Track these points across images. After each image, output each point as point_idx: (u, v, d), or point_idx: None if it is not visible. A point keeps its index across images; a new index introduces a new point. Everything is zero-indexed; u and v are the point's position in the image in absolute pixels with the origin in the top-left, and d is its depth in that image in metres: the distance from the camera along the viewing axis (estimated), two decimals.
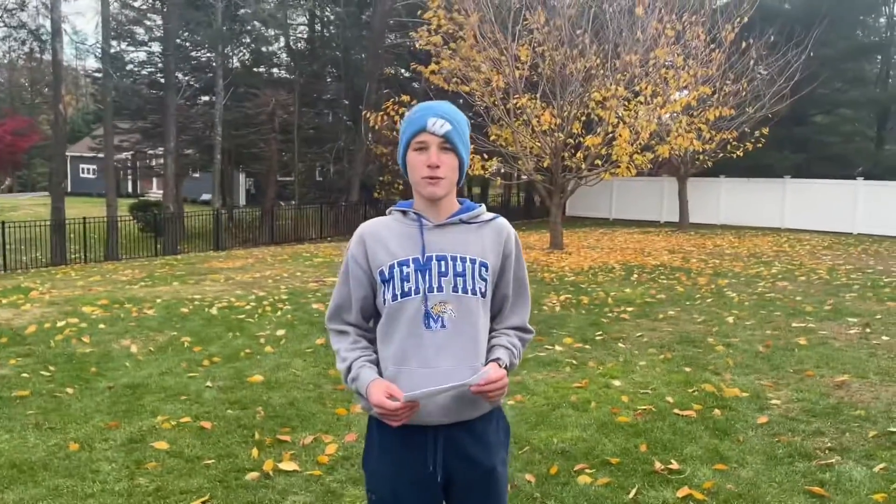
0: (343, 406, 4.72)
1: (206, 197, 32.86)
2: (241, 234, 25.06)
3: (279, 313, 7.96)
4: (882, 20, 29.33)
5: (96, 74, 32.52)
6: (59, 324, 7.33)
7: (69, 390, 5.14)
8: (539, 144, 14.06)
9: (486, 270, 1.90)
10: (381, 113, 14.99)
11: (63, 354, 6.14)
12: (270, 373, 5.57)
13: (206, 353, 6.22)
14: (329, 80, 30.75)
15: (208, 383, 5.29)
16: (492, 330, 1.98)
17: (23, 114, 50.28)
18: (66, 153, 35.01)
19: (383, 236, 1.92)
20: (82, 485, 3.57)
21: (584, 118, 14.24)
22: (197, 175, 33.84)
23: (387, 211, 2.01)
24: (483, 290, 1.89)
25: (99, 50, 24.49)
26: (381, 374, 1.89)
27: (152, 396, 4.99)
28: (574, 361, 5.87)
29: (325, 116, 30.83)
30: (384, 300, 1.89)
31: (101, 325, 7.30)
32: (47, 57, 30.47)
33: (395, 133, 14.77)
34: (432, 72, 14.40)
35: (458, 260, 1.87)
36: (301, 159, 28.45)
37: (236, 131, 27.04)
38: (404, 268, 1.86)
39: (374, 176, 28.53)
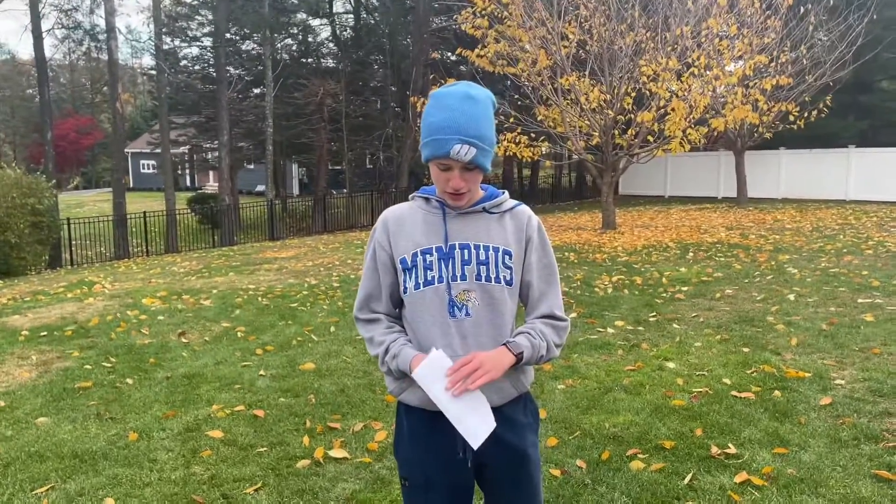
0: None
1: (260, 188, 33.50)
2: (295, 223, 25.47)
3: (330, 301, 8.03)
4: None
5: (151, 71, 33.39)
6: (120, 316, 7.56)
7: (129, 381, 5.29)
8: (588, 123, 13.80)
9: (510, 258, 1.86)
10: (428, 99, 14.92)
11: (123, 346, 6.33)
12: (321, 360, 5.62)
13: (260, 342, 6.32)
14: (376, 66, 30.82)
15: (261, 372, 5.37)
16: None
17: (84, 113, 52.10)
18: (126, 149, 36.10)
19: (406, 223, 1.89)
20: (140, 474, 3.66)
21: (634, 94, 13.91)
22: (251, 167, 34.50)
23: (409, 196, 1.97)
24: (508, 278, 1.86)
25: (153, 47, 25.08)
26: None
27: (208, 386, 5.10)
28: (627, 344, 5.75)
29: (373, 104, 30.94)
30: (406, 289, 1.87)
31: (160, 317, 7.49)
32: (104, 56, 31.38)
33: None
34: (478, 55, 14.25)
35: (482, 248, 1.84)
36: (350, 147, 28.67)
37: (287, 122, 27.39)
38: (427, 256, 1.84)
39: (422, 162, 28.57)
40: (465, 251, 1.83)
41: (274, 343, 6.25)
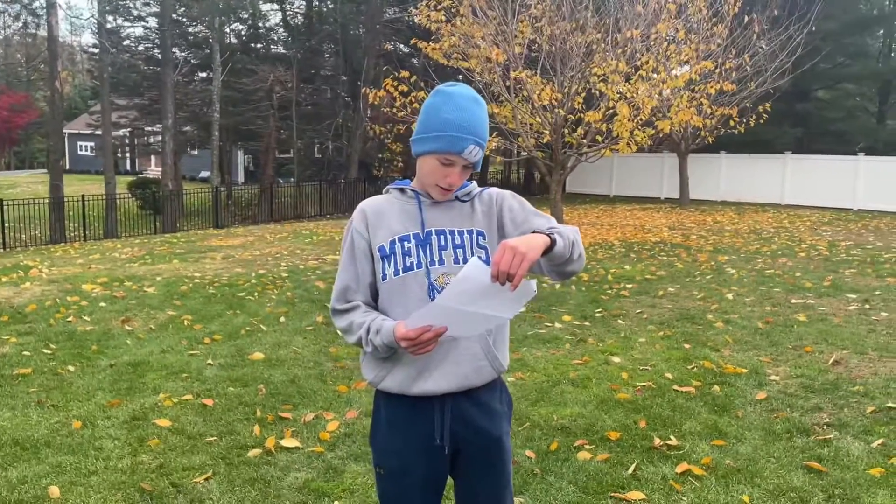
0: (344, 384, 4.74)
1: (204, 174, 32.78)
2: (241, 211, 25.04)
3: (279, 291, 7.97)
4: None
5: (92, 50, 32.29)
6: (59, 302, 7.34)
7: (71, 368, 5.16)
8: (539, 121, 13.97)
9: (484, 238, 1.92)
10: (381, 90, 14.86)
11: (64, 332, 6.16)
12: (271, 350, 5.58)
13: (207, 330, 6.24)
14: (327, 55, 30.51)
15: (209, 361, 5.31)
16: None
17: (19, 90, 49.98)
18: (64, 130, 34.82)
19: (384, 213, 1.94)
20: (85, 462, 3.59)
21: (584, 94, 14.14)
22: (195, 152, 33.74)
23: (384, 190, 2.01)
24: (484, 257, 1.88)
25: (95, 24, 24.26)
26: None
27: (154, 374, 5.01)
28: (574, 338, 5.89)
29: (324, 93, 30.63)
30: (385, 276, 1.89)
31: (102, 304, 7.31)
32: (42, 32, 30.19)
33: (393, 111, 14.67)
34: (433, 48, 14.25)
35: (457, 233, 1.90)
36: (300, 136, 28.33)
37: (234, 108, 26.90)
38: (405, 243, 1.88)
39: (372, 153, 28.42)
40: (441, 237, 1.89)
41: (222, 332, 6.18)
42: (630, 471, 3.44)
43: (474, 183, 2.00)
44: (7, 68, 53.50)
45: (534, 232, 1.74)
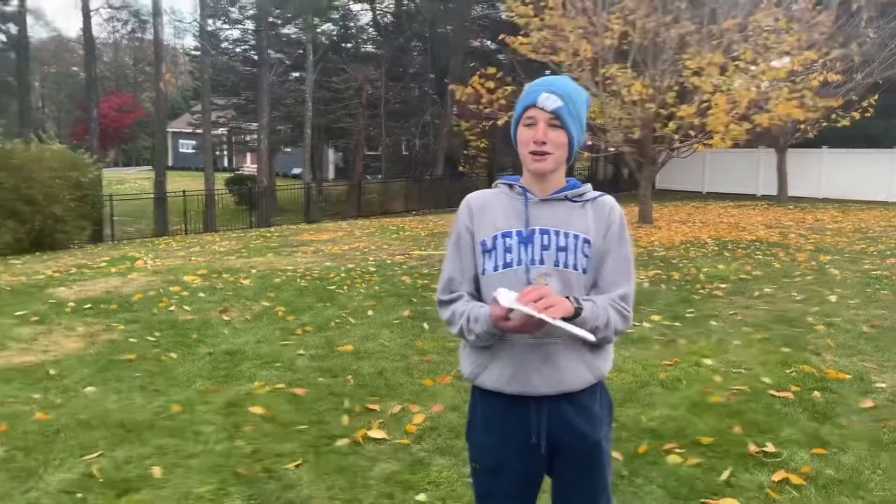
0: (429, 377, 4.79)
1: (296, 171, 33.77)
2: (330, 207, 25.67)
3: (367, 285, 8.12)
4: None
5: (194, 52, 33.78)
6: (162, 292, 7.73)
7: (173, 355, 5.43)
8: (629, 116, 13.67)
9: (589, 247, 1.87)
10: (468, 87, 14.89)
11: (166, 321, 6.48)
12: (359, 343, 5.70)
13: (299, 322, 6.43)
14: (416, 53, 30.83)
15: (301, 351, 5.47)
16: None
17: (126, 91, 52.94)
18: (167, 129, 36.61)
19: (489, 207, 1.93)
20: (185, 445, 3.77)
21: (677, 88, 13.72)
22: (288, 150, 34.77)
23: (493, 184, 2.01)
24: (584, 266, 1.87)
25: (196, 28, 25.40)
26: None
27: (249, 363, 5.21)
28: (663, 339, 5.73)
29: (412, 90, 30.96)
30: (484, 270, 1.89)
31: (201, 294, 7.65)
32: (148, 36, 31.83)
33: (479, 107, 14.67)
34: (521, 43, 14.16)
35: (562, 234, 1.86)
36: (388, 134, 28.77)
37: (325, 107, 27.57)
38: (507, 239, 1.87)
39: (458, 150, 28.54)
40: (546, 236, 1.86)
41: (313, 324, 6.35)
42: (723, 477, 3.32)
43: (589, 185, 1.96)
44: (116, 70, 56.78)
45: (570, 297, 1.78)
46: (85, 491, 3.28)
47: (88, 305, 7.16)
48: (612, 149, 14.99)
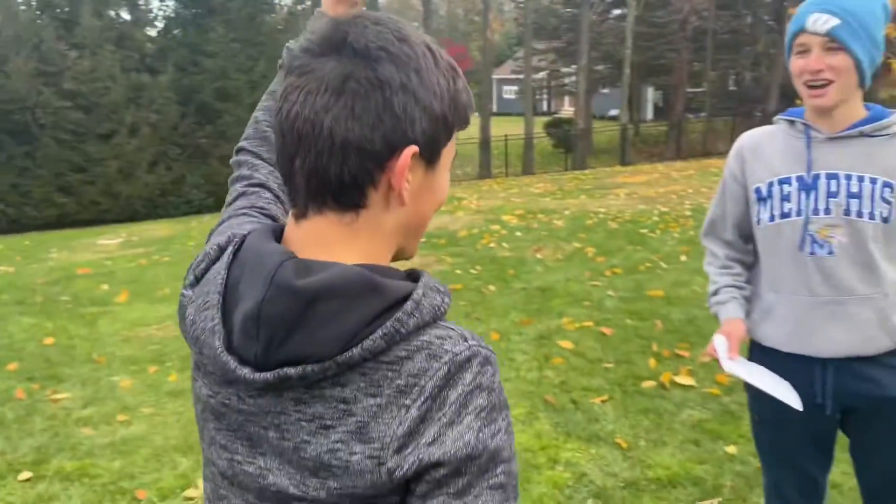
0: None
1: (613, 112, 33.34)
2: (647, 148, 25.00)
3: (681, 230, 7.84)
4: None
5: None
6: (484, 230, 8.35)
7: (492, 287, 5.87)
8: None
9: (892, 192, 1.56)
10: None
11: (487, 256, 7.01)
12: (670, 288, 5.58)
13: (609, 264, 6.49)
14: None
15: (609, 292, 5.53)
16: None
17: (457, 42, 56.76)
18: (492, 76, 38.51)
19: (764, 150, 1.70)
20: (501, 370, 4.09)
21: None
22: (606, 91, 34.43)
23: (773, 119, 1.76)
24: (886, 214, 1.56)
25: None
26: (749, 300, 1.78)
27: (559, 300, 5.43)
28: None
29: (744, 18, 28.33)
30: (759, 220, 1.69)
31: (518, 233, 8.10)
32: None
33: None
34: None
35: (854, 179, 1.57)
36: (713, 67, 26.86)
37: (646, 43, 26.59)
38: (785, 186, 1.63)
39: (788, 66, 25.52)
40: (833, 182, 1.59)
41: (622, 266, 6.37)
42: None
43: (895, 114, 1.60)
44: (449, 21, 61.06)
45: None
46: None
47: (423, 239, 8.00)
48: None
